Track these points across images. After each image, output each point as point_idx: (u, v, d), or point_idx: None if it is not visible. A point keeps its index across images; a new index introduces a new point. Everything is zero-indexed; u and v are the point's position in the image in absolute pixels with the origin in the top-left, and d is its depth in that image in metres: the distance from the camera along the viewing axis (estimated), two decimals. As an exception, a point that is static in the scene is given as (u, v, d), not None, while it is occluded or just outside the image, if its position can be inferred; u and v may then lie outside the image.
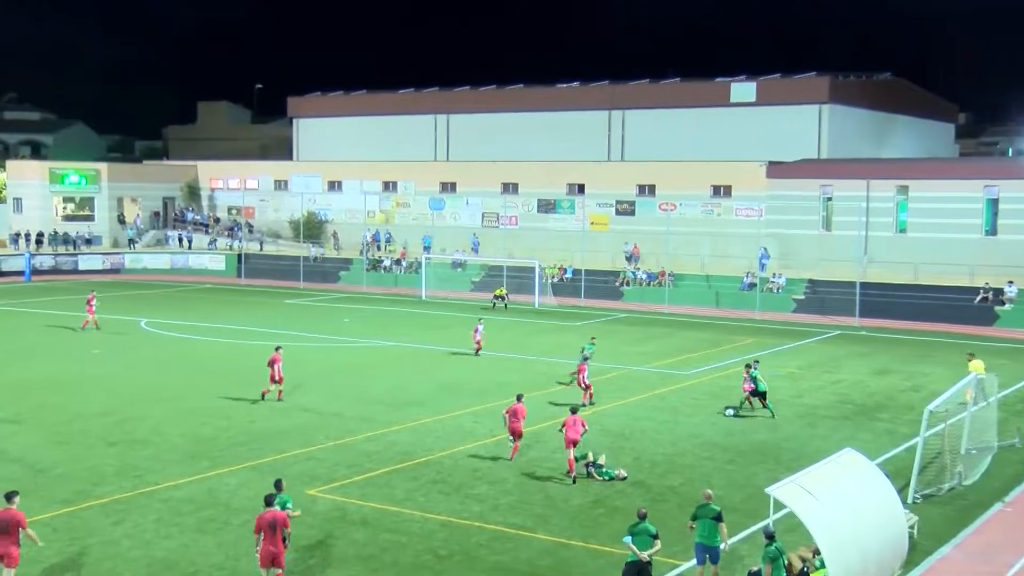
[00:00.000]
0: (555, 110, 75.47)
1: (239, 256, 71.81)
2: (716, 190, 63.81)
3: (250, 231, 76.78)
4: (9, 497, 16.48)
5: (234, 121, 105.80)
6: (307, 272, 67.09)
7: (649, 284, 59.39)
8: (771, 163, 62.45)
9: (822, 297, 54.59)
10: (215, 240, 76.48)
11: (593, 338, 35.83)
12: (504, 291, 56.30)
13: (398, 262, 67.29)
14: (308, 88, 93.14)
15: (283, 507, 17.05)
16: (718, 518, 16.67)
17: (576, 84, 77.84)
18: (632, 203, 66.32)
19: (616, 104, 73.83)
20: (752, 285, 56.09)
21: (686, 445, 26.45)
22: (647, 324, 49.54)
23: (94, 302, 44.66)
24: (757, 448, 26.17)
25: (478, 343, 39.15)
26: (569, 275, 61.38)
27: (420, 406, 30.38)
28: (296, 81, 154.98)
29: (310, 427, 27.65)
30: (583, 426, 23.36)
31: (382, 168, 75.84)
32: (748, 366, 30.33)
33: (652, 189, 65.90)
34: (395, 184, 75.09)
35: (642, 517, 16.52)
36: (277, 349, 31.04)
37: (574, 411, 23.83)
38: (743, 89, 69.67)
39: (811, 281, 56.16)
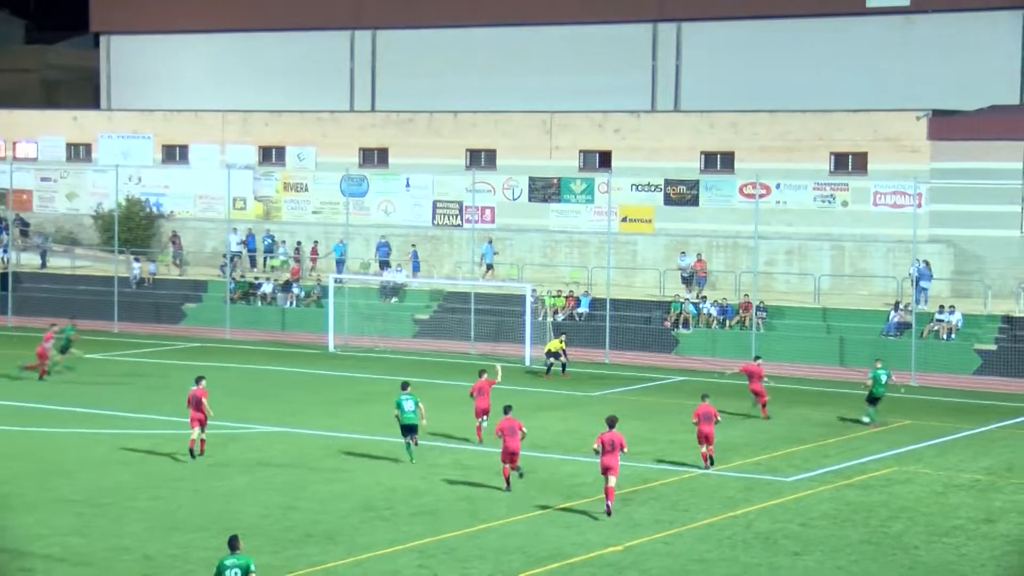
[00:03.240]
0: (560, 23, 75.58)
1: (3, 277, 71.56)
2: (840, 161, 63.95)
3: (24, 233, 76.62)
4: None
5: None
6: (126, 304, 66.92)
7: (723, 324, 59.40)
8: (936, 113, 62.63)
9: (1027, 348, 54.79)
10: (-36, 249, 76.29)
11: None
12: (562, 343, 55.19)
13: (287, 286, 67.08)
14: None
15: (246, 572, 21.75)
16: None
17: (596, -22, 78.11)
18: (694, 184, 66.27)
19: (667, 13, 74.01)
20: (904, 326, 56.12)
21: (795, 609, 26.15)
22: (720, 394, 49.06)
23: (50, 341, 52.91)
24: (921, 615, 25.84)
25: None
26: (584, 309, 61.27)
27: (327, 540, 30.24)
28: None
29: (126, 579, 27.24)
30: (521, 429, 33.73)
31: (259, 124, 75.97)
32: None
33: (728, 160, 65.95)
34: (282, 151, 75.17)
35: None
36: (199, 381, 38.18)
37: (508, 410, 34.26)
38: (886, -13, 69.96)
39: (1009, 319, 56.31)
